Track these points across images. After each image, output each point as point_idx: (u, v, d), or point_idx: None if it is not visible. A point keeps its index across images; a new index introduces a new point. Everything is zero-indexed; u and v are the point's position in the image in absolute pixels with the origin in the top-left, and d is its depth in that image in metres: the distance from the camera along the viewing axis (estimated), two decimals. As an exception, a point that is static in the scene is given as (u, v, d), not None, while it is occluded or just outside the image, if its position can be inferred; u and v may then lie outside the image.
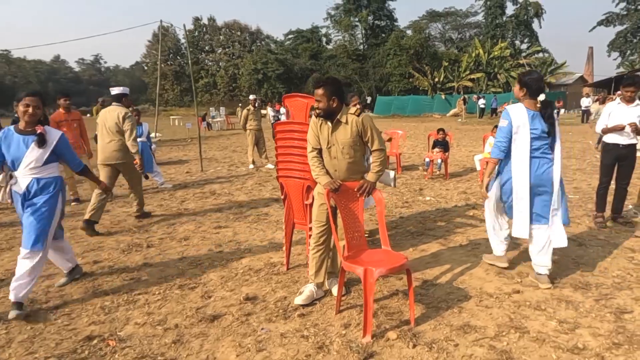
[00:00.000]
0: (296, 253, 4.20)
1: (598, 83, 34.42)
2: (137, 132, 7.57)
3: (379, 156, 3.12)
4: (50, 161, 3.23)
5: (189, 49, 20.25)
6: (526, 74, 3.45)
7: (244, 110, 9.67)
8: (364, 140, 3.11)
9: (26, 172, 3.15)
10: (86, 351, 2.62)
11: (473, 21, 51.62)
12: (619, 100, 4.75)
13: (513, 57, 39.20)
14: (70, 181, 6.75)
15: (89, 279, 3.72)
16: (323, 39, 51.30)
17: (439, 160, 8.11)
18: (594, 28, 46.53)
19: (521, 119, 3.32)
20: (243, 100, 40.71)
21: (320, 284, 3.26)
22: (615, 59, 51.37)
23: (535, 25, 45.46)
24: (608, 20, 44.88)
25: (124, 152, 5.31)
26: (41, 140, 3.14)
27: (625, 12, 43.39)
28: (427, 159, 8.21)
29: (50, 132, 3.24)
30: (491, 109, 27.85)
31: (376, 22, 47.72)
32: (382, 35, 46.32)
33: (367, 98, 40.41)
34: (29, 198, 3.15)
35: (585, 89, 32.75)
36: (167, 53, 58.76)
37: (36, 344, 2.71)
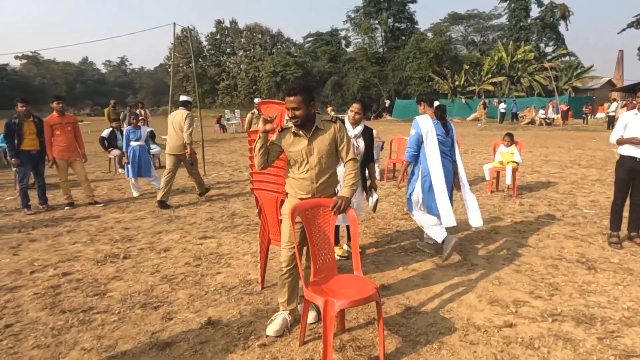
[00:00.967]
0: (275, 270, 3.92)
1: (626, 88, 33.01)
2: (136, 136, 7.49)
3: (353, 167, 2.83)
4: None
5: (209, 52, 20.17)
6: (420, 95, 4.49)
7: (249, 114, 9.48)
8: (338, 148, 2.85)
9: None
10: (19, 381, 2.40)
11: (496, 24, 50.38)
12: (637, 110, 4.29)
13: (537, 61, 38.02)
14: (64, 185, 6.66)
15: (53, 293, 3.52)
16: (342, 42, 51.02)
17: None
18: (624, 30, 44.69)
19: (428, 127, 4.15)
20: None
21: (293, 310, 2.96)
22: (646, 63, 49.27)
23: (561, 27, 44.13)
24: (639, 22, 43.09)
25: (184, 146, 6.56)
26: None
27: (657, 14, 41.55)
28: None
29: None
30: (512, 114, 26.97)
31: (396, 25, 47.12)
32: (402, 38, 45.71)
33: (386, 102, 39.92)
34: None
35: (613, 94, 31.47)
36: (189, 55, 59.50)
37: (-29, 370, 2.51)
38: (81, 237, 5.08)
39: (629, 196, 4.47)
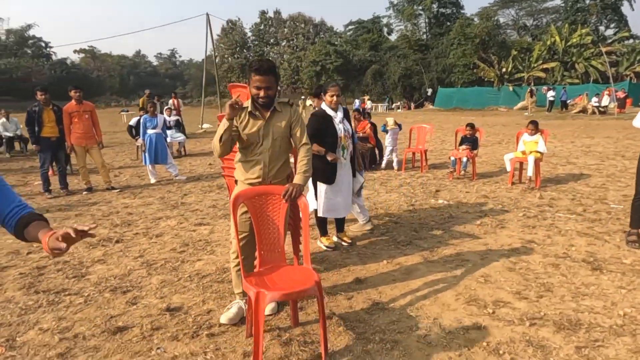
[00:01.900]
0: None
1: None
2: (152, 124, 7.66)
3: (307, 153, 2.69)
4: None
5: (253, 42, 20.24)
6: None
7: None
8: (293, 131, 2.72)
9: None
10: (-28, 357, 2.49)
11: (551, 6, 47.30)
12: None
13: (595, 45, 35.29)
14: (82, 170, 6.94)
15: (36, 274, 3.64)
16: (384, 29, 49.88)
17: (465, 158, 7.29)
18: (699, 9, 40.51)
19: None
20: (305, 92, 40.89)
21: None
22: None
23: (624, 8, 40.68)
24: None
25: None
26: None
27: None
28: (453, 158, 7.41)
29: None
30: (561, 102, 25.25)
31: (441, 10, 45.37)
32: (447, 24, 43.98)
33: (428, 90, 38.71)
34: None
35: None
36: (234, 47, 60.60)
37: None
38: (85, 221, 5.25)
39: (651, 190, 3.98)
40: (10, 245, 4.43)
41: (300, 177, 2.63)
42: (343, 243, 4.28)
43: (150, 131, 7.61)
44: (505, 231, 4.54)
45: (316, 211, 4.16)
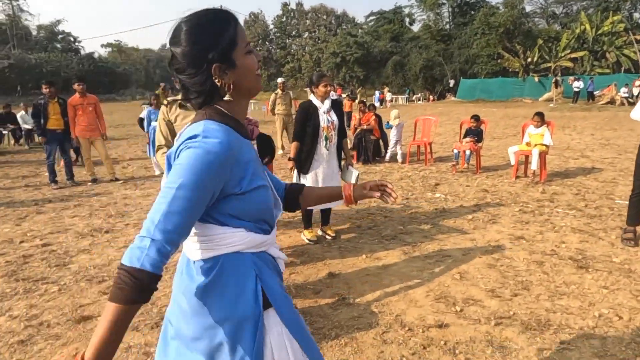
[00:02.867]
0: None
1: None
2: (156, 116, 7.75)
3: None
4: None
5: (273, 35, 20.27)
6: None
7: (272, 94, 9.39)
8: None
9: None
10: (-59, 341, 2.58)
11: (582, -8, 45.32)
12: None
13: (627, 32, 33.67)
14: (87, 162, 7.11)
15: (21, 262, 3.75)
16: (406, 20, 48.97)
17: (468, 151, 7.09)
18: None
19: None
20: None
21: None
22: None
23: (662, -7, 38.53)
24: None
25: None
26: None
27: None
28: (456, 150, 7.22)
29: None
30: (587, 93, 24.25)
31: (465, -1, 44.18)
32: (471, 12, 42.75)
33: (450, 81, 37.88)
34: None
35: None
36: (257, 39, 60.85)
37: None
38: (82, 212, 5.38)
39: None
40: (6, 234, 4.58)
41: None
42: (326, 236, 4.24)
43: (154, 123, 7.71)
44: (495, 226, 4.40)
45: None
